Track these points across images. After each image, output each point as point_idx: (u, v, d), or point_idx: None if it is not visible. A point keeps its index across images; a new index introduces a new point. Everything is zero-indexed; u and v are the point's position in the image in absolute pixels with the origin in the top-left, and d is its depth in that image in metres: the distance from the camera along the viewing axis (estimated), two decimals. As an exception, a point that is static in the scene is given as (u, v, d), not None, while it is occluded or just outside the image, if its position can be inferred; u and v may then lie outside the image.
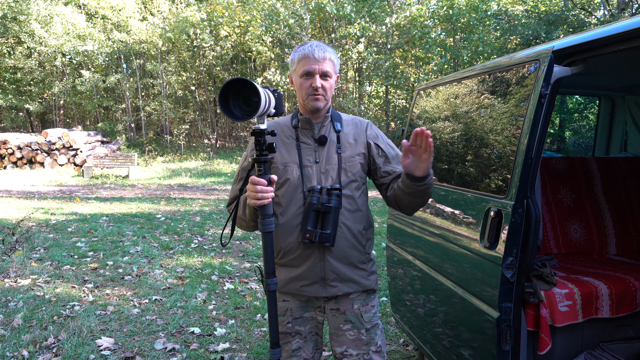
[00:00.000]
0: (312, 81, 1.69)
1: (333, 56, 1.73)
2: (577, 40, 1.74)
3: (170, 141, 20.74)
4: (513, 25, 13.57)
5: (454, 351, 2.18)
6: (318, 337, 1.86)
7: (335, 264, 1.72)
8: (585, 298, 2.09)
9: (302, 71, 1.70)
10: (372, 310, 1.82)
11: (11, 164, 16.36)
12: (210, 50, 20.05)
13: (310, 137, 1.78)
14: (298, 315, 1.81)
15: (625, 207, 2.92)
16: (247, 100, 1.47)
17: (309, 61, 1.68)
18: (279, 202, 1.76)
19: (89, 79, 20.03)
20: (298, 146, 1.76)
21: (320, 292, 1.74)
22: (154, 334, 3.51)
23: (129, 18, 19.66)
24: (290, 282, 1.77)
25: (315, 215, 1.64)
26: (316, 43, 1.72)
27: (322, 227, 1.64)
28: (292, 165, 1.74)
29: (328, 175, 1.73)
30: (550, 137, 10.72)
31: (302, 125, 1.78)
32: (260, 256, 5.76)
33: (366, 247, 1.79)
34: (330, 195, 1.64)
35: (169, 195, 11.38)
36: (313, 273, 1.72)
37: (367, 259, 1.80)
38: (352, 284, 1.75)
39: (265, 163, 1.55)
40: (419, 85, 3.26)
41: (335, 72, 1.75)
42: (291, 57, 1.78)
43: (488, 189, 2.02)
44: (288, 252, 1.75)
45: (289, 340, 1.81)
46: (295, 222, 1.72)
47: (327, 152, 1.76)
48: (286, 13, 16.22)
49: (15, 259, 5.24)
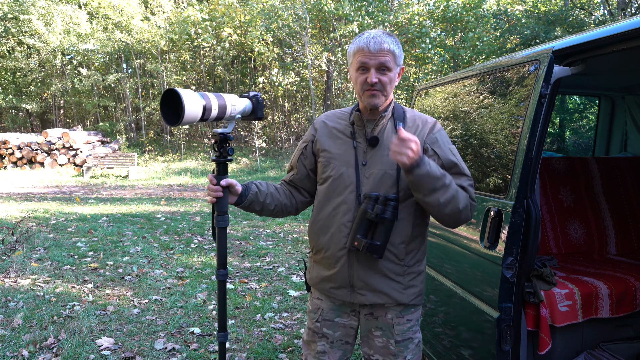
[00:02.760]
0: (367, 75, 1.57)
1: (393, 46, 1.57)
2: (577, 40, 1.74)
3: (170, 141, 20.74)
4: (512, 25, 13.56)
5: (454, 351, 2.18)
6: (349, 345, 1.77)
7: (365, 273, 1.62)
8: (585, 298, 2.09)
9: (357, 65, 1.58)
10: (406, 324, 1.69)
11: (11, 164, 16.35)
12: (211, 50, 20.05)
13: (362, 136, 1.66)
14: (329, 317, 1.74)
15: (625, 207, 2.92)
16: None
17: (365, 54, 1.56)
18: (321, 198, 1.70)
19: (88, 77, 20.01)
20: (354, 145, 1.65)
21: (349, 297, 1.66)
22: (154, 334, 3.51)
23: (131, 18, 19.66)
24: (321, 282, 1.72)
25: (368, 224, 1.54)
26: (374, 33, 1.57)
27: (372, 237, 1.54)
28: (341, 163, 1.65)
29: (370, 180, 1.61)
30: (550, 137, 10.72)
31: (356, 122, 1.67)
32: (259, 256, 5.76)
33: (405, 260, 1.64)
34: (387, 205, 1.52)
35: (169, 195, 11.38)
36: (341, 278, 1.65)
37: (406, 271, 1.65)
38: (382, 295, 1.63)
39: (220, 164, 1.65)
40: (419, 85, 3.26)
41: (397, 64, 1.59)
42: (348, 50, 1.65)
43: (488, 189, 2.02)
44: (320, 250, 1.70)
45: (315, 340, 1.76)
46: (329, 222, 1.66)
47: (377, 155, 1.62)
48: (287, 13, 16.22)
49: (15, 259, 5.24)
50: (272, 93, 20.86)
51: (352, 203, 1.62)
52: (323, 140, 1.71)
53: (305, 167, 1.77)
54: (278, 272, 5.10)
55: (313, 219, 1.73)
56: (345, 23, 15.90)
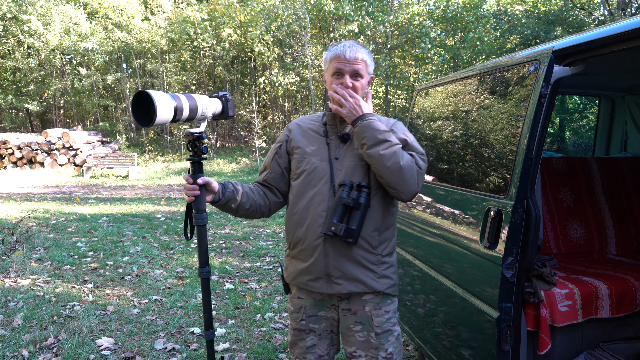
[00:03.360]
0: (342, 80, 1.72)
1: (366, 56, 1.74)
2: (577, 40, 1.74)
3: (170, 141, 20.74)
4: (512, 25, 13.56)
5: (454, 351, 2.18)
6: (334, 334, 1.86)
7: (340, 261, 1.70)
8: (585, 298, 2.09)
9: (334, 70, 1.73)
10: (384, 315, 1.77)
11: (11, 164, 16.35)
12: (211, 50, 20.05)
13: (334, 134, 1.80)
14: (312, 313, 1.82)
15: (625, 207, 2.92)
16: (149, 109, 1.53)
17: (341, 61, 1.71)
18: (295, 192, 1.78)
19: (88, 76, 20.00)
20: (327, 142, 1.78)
21: (325, 288, 1.73)
22: (154, 334, 3.51)
23: (131, 18, 19.65)
24: (298, 276, 1.79)
25: (344, 210, 1.64)
26: (349, 43, 1.73)
27: (348, 222, 1.64)
28: (315, 157, 1.76)
29: (343, 172, 1.73)
30: (550, 137, 10.72)
31: (329, 122, 1.81)
32: (259, 256, 5.76)
33: (378, 249, 1.74)
34: (361, 192, 1.64)
35: (169, 195, 11.38)
36: (317, 268, 1.72)
37: (379, 260, 1.74)
38: (358, 283, 1.72)
39: (195, 164, 1.69)
40: (418, 85, 3.26)
41: (368, 72, 1.76)
42: (325, 56, 1.80)
43: (488, 189, 2.02)
44: (297, 243, 1.77)
45: (303, 337, 1.83)
46: (305, 214, 1.74)
47: (348, 150, 1.76)
48: (287, 14, 16.21)
49: (15, 259, 5.24)
50: (272, 93, 20.87)
51: (326, 193, 1.72)
52: (297, 139, 1.82)
53: (280, 166, 1.86)
54: (278, 272, 5.10)
55: (289, 214, 1.81)
56: (345, 23, 15.90)
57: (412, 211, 2.76)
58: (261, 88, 21.05)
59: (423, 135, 2.89)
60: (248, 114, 20.02)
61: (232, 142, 22.47)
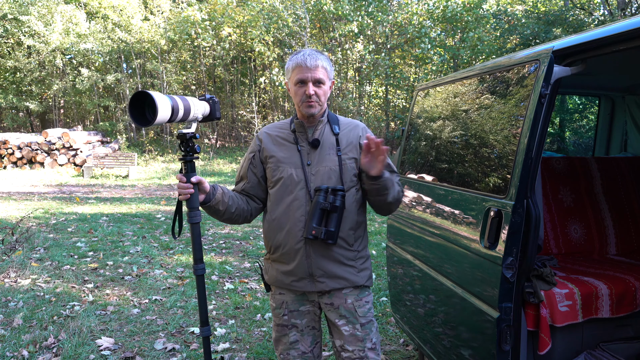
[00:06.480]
0: (305, 89, 1.77)
1: (326, 63, 1.80)
2: (577, 40, 1.74)
3: (170, 141, 20.73)
4: (512, 25, 13.56)
5: (454, 351, 2.18)
6: (316, 330, 1.94)
7: (321, 261, 1.79)
8: (585, 298, 2.09)
9: (296, 79, 1.79)
10: (366, 306, 1.88)
11: (11, 164, 16.35)
12: (211, 50, 20.04)
13: (304, 140, 1.86)
14: (294, 308, 1.89)
15: (625, 207, 2.92)
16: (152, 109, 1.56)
17: (302, 70, 1.76)
18: (273, 199, 1.85)
19: (88, 77, 20.00)
20: (299, 149, 1.85)
21: (309, 287, 1.83)
22: (154, 334, 3.51)
23: (131, 17, 19.64)
24: (281, 278, 1.86)
25: (321, 214, 1.72)
26: (309, 51, 1.79)
27: (326, 225, 1.72)
28: (289, 165, 1.83)
29: (318, 177, 1.81)
30: (550, 137, 10.71)
31: (298, 129, 1.87)
32: (259, 256, 5.76)
33: (354, 245, 1.85)
34: (336, 195, 1.72)
35: (169, 195, 11.38)
36: (301, 270, 1.81)
37: (357, 256, 1.86)
38: (340, 280, 1.82)
39: (188, 163, 1.73)
40: (418, 85, 3.26)
41: (329, 78, 1.83)
42: (286, 66, 1.86)
43: (488, 189, 2.02)
44: (277, 247, 1.84)
45: (286, 333, 1.91)
46: (284, 219, 1.81)
47: (320, 155, 1.83)
48: (287, 14, 16.21)
49: (15, 259, 5.24)
50: (272, 93, 20.86)
51: (303, 199, 1.80)
52: (269, 148, 1.89)
53: (256, 175, 1.92)
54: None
55: (268, 219, 1.88)
56: (345, 23, 15.91)
57: (412, 211, 2.76)
58: (261, 88, 21.04)
59: (423, 135, 2.89)
60: (248, 114, 20.02)
61: (232, 142, 22.46)
